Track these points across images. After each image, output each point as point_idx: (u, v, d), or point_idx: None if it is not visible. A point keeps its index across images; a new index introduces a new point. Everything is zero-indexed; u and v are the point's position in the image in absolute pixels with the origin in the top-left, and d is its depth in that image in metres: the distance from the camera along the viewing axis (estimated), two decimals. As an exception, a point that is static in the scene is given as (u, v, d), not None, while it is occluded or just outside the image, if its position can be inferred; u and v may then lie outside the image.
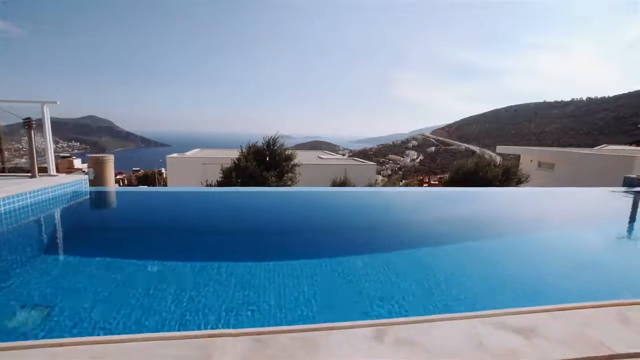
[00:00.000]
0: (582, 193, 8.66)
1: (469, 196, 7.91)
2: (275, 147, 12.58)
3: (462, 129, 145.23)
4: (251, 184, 11.48)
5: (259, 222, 5.35)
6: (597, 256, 4.06)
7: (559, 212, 6.82)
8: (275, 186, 11.57)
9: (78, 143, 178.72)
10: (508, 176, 13.43)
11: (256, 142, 12.69)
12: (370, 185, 18.71)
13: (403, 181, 25.23)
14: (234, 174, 11.45)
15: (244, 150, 12.50)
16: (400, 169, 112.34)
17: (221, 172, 12.34)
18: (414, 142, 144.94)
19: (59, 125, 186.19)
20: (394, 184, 21.41)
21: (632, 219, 6.21)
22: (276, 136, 12.74)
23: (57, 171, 6.19)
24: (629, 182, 8.37)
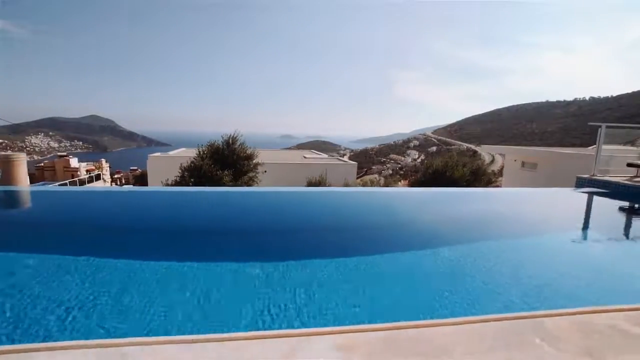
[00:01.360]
0: (532, 194, 8.28)
1: (407, 196, 7.57)
2: (235, 146, 12.30)
3: (464, 128, 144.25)
4: (206, 183, 11.21)
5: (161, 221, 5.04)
6: (531, 263, 3.66)
7: (499, 214, 6.43)
8: (231, 186, 11.29)
9: (80, 142, 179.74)
10: (477, 176, 13.05)
11: (215, 141, 12.42)
12: (346, 185, 18.42)
13: (382, 181, 24.87)
14: (187, 174, 11.19)
15: (202, 148, 12.24)
16: (401, 168, 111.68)
17: (180, 170, 12.10)
18: (416, 142, 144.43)
19: (61, 125, 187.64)
20: (372, 184, 21.04)
21: (579, 220, 5.83)
22: (235, 134, 12.47)
23: (54, 170, 5.94)
24: (580, 182, 7.98)
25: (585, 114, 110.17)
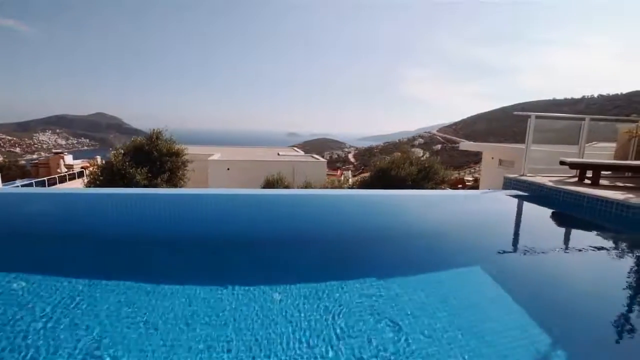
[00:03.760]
0: (454, 196, 7.10)
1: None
2: (159, 142, 11.32)
3: (469, 126, 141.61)
4: (118, 182, 10.25)
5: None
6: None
7: (414, 217, 5.26)
8: (146, 186, 10.30)
9: (87, 140, 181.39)
10: (427, 175, 11.87)
11: (137, 136, 11.47)
12: (307, 184, 17.32)
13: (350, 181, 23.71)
14: (98, 173, 10.25)
15: (120, 146, 11.30)
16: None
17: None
18: (420, 140, 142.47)
19: (69, 123, 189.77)
20: (341, 185, 19.84)
21: (485, 233, 4.66)
22: (160, 130, 11.48)
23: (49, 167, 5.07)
24: (507, 183, 6.79)
25: (594, 112, 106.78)
